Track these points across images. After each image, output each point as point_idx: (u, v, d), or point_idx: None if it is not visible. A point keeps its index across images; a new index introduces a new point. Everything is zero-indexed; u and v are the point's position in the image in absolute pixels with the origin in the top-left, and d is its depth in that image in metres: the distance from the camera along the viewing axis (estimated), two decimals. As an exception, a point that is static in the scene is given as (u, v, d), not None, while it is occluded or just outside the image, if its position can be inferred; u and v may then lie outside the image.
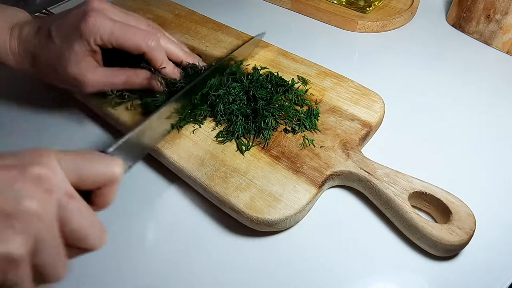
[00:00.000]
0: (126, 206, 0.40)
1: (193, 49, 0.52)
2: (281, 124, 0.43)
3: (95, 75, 0.40)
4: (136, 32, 0.40)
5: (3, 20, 0.41)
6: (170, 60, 0.44)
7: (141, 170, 0.44)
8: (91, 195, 0.26)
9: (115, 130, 0.48)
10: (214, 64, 0.44)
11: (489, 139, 0.46)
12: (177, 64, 0.44)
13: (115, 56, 0.41)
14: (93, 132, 0.48)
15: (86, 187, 0.25)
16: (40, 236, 0.21)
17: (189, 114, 0.42)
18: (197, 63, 0.45)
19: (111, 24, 0.39)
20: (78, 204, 0.24)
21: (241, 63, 0.49)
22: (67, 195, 0.23)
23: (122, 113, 0.45)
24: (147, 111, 0.44)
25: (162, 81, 0.42)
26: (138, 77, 0.42)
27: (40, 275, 0.23)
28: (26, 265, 0.21)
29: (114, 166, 0.27)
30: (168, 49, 0.43)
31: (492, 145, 0.45)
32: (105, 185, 0.26)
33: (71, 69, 0.39)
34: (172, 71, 0.43)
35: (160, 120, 0.37)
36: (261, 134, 0.41)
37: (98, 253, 0.36)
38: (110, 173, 0.26)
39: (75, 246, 0.24)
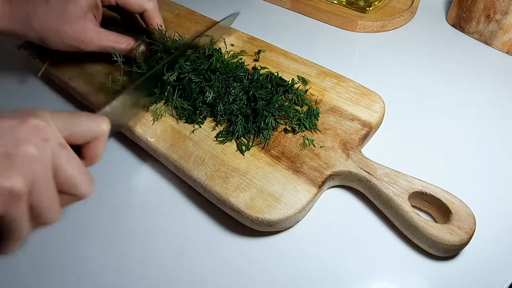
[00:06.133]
0: (125, 205, 0.40)
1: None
2: (281, 124, 0.43)
3: (97, 33, 0.44)
4: None
5: None
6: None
7: (141, 169, 0.44)
8: (81, 150, 0.29)
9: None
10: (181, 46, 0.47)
11: (489, 139, 0.46)
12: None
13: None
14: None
15: (76, 141, 0.28)
16: (37, 178, 0.24)
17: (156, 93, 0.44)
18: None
19: None
20: (70, 154, 0.27)
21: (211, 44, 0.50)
22: (60, 145, 0.26)
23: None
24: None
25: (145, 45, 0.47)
26: (125, 41, 0.46)
27: (36, 216, 0.26)
28: (24, 202, 0.24)
29: (101, 122, 0.30)
30: None
31: (492, 145, 0.45)
32: (93, 140, 0.29)
33: (73, 25, 0.42)
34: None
35: (136, 93, 0.40)
36: (261, 134, 0.41)
37: (98, 252, 0.37)
38: (97, 128, 0.29)
39: (67, 193, 0.27)
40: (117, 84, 0.46)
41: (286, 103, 0.44)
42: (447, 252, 0.34)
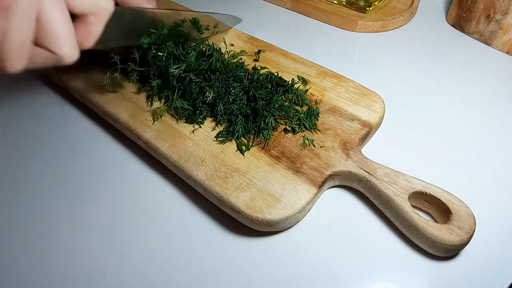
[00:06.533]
0: (125, 206, 0.40)
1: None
2: (281, 124, 0.43)
3: None
4: None
5: None
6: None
7: (141, 169, 0.44)
8: (75, 23, 0.27)
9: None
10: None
11: (489, 139, 0.46)
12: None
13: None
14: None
15: (73, 8, 0.25)
16: (20, 5, 0.21)
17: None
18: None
19: None
20: (62, 6, 0.24)
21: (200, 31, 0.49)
22: None
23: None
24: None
25: None
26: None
27: (1, 49, 0.23)
28: (5, 22, 0.21)
29: None
30: None
31: (492, 145, 0.45)
32: (91, 14, 0.26)
33: None
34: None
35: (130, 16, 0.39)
36: (261, 134, 0.41)
37: (98, 252, 0.37)
38: (99, 1, 0.26)
39: (44, 46, 0.24)
40: (114, 82, 0.46)
41: (286, 103, 0.44)
42: (447, 252, 0.34)
